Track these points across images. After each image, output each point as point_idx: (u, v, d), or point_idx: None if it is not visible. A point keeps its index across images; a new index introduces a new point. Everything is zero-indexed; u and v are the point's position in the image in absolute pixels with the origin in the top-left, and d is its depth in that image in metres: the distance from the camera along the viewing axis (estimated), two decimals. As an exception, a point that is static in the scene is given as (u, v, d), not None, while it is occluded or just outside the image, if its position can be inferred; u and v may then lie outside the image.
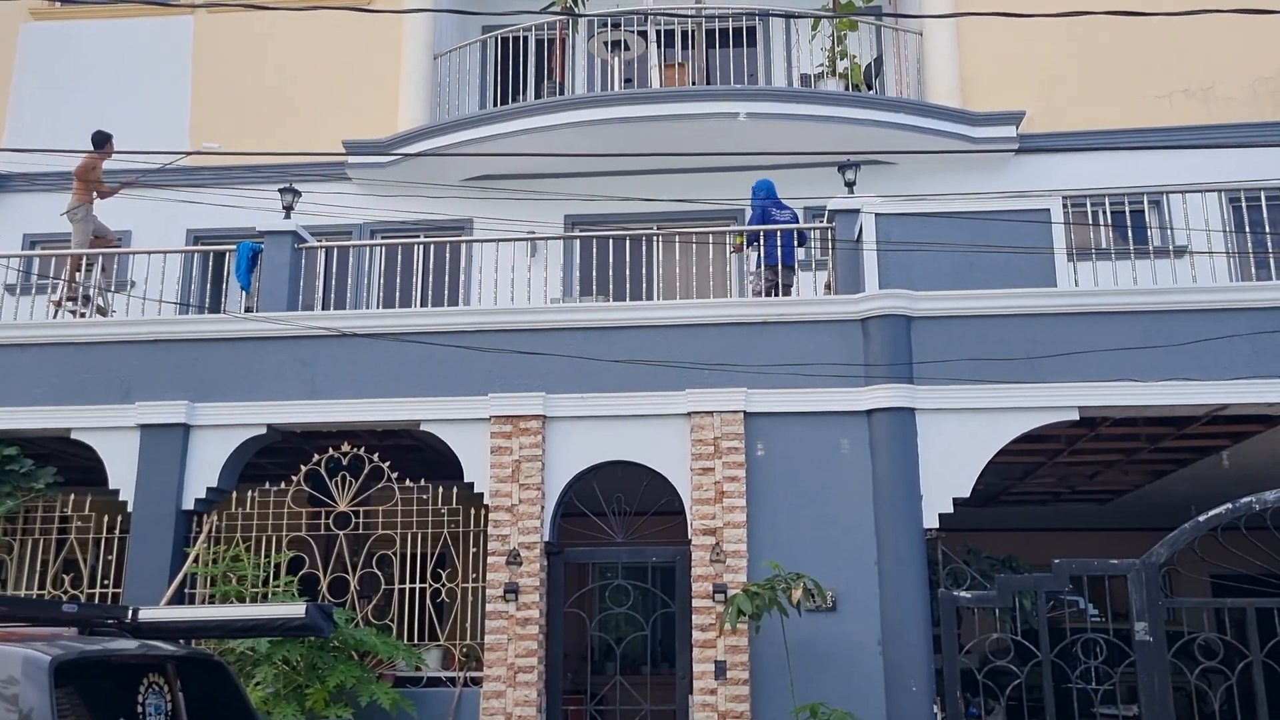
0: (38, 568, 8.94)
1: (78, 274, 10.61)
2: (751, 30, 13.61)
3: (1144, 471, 11.36)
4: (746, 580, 8.01)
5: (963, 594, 7.92)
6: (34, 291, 11.39)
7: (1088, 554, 8.26)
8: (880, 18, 13.27)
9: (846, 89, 12.03)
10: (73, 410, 8.94)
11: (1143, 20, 10.39)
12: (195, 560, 8.60)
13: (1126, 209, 10.07)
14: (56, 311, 10.55)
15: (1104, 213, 10.07)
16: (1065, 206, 8.93)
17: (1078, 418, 8.30)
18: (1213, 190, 9.30)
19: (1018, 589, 8.20)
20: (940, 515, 8.11)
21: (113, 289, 11.04)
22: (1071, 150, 11.89)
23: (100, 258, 10.73)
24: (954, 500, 8.14)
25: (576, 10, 12.44)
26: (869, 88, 12.64)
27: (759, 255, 9.87)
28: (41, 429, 8.99)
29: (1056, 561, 7.76)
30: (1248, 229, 11.11)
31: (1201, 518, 7.59)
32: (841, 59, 12.13)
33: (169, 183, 11.75)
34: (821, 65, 12.29)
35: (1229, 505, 7.57)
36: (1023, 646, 8.00)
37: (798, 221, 10.00)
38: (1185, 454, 10.39)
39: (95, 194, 10.72)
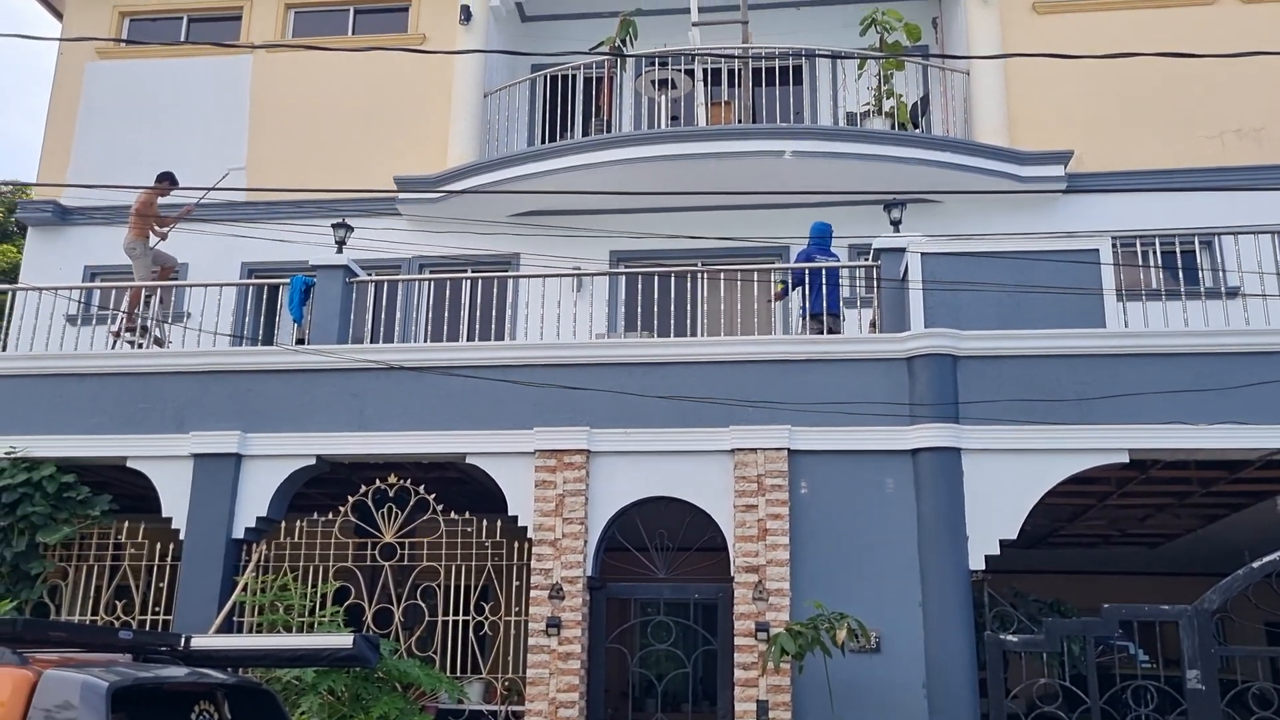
0: (91, 594, 9.11)
1: (136, 306, 10.88)
2: (798, 69, 13.69)
3: (1196, 515, 11.16)
4: (789, 619, 7.97)
5: (1009, 637, 7.82)
6: (94, 322, 11.67)
7: (1138, 599, 8.13)
8: (927, 58, 13.30)
9: (893, 128, 12.05)
10: (129, 439, 9.14)
11: (1192, 60, 10.33)
12: (244, 589, 8.72)
13: (1177, 249, 9.98)
14: (115, 342, 10.81)
15: (1154, 253, 9.99)
16: (1114, 247, 8.87)
17: (1128, 460, 8.20)
18: (1266, 232, 9.19)
19: (1066, 633, 8.08)
20: (986, 557, 8.03)
21: (169, 320, 11.29)
22: (1121, 190, 11.78)
23: (159, 290, 10.98)
24: (1000, 542, 8.06)
25: (624, 50, 12.60)
26: (915, 126, 12.65)
27: (804, 303, 9.88)
28: (98, 457, 9.20)
29: (1106, 606, 7.65)
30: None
31: (1255, 564, 7.46)
32: (888, 98, 12.16)
33: (225, 217, 12.02)
34: (867, 104, 12.32)
35: (1284, 552, 7.44)
36: (1071, 693, 7.86)
37: (837, 270, 9.95)
38: (1239, 498, 10.21)
39: (154, 230, 11.02)
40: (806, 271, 9.91)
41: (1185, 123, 12.14)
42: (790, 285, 10.39)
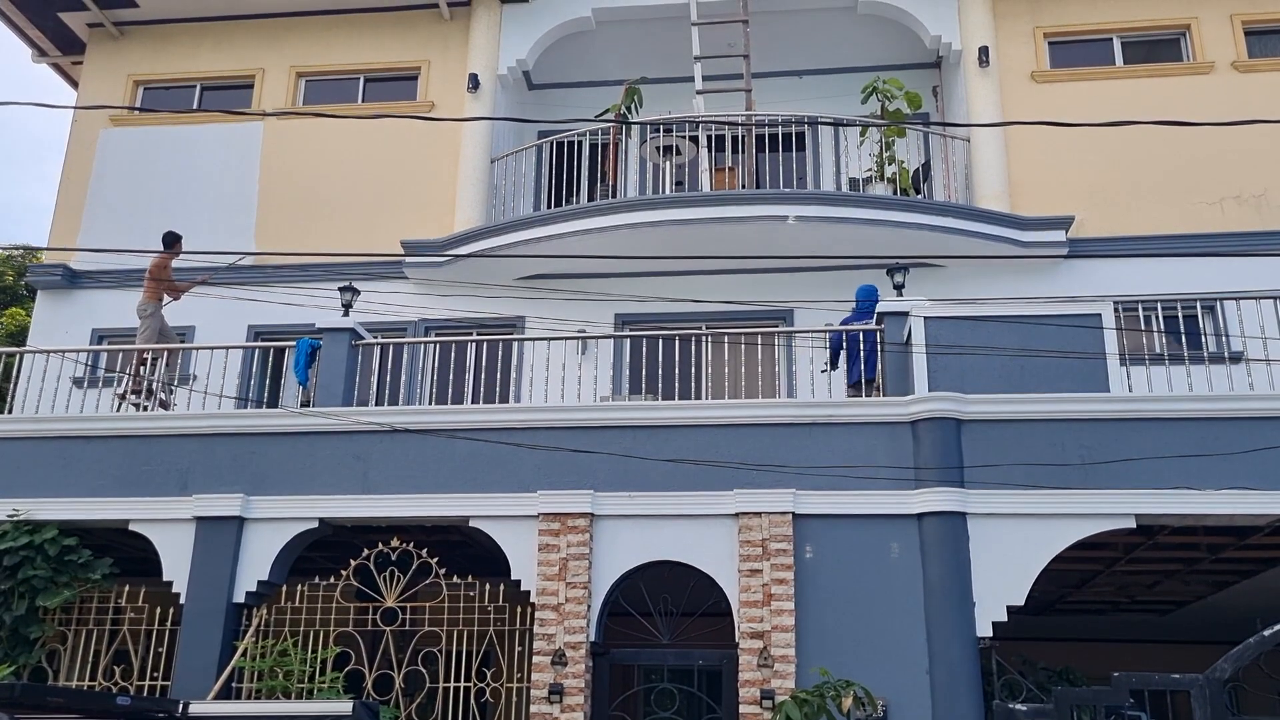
0: (90, 658, 9.02)
1: (142, 368, 10.93)
2: (801, 136, 13.89)
3: (1206, 582, 11.04)
4: (795, 686, 7.86)
5: (1018, 706, 7.69)
6: (100, 385, 11.70)
7: (1149, 667, 8.02)
8: (928, 125, 13.48)
9: (895, 193, 12.18)
10: (132, 502, 9.11)
11: (1191, 128, 10.46)
12: (243, 654, 8.62)
13: (1179, 314, 10.01)
14: (120, 404, 10.84)
15: (1156, 318, 10.02)
16: (1117, 311, 8.90)
17: (1135, 525, 8.14)
18: (1268, 297, 9.22)
19: (1076, 703, 7.94)
20: (994, 623, 7.94)
21: (175, 384, 11.33)
22: (1122, 255, 11.86)
23: (165, 353, 11.04)
24: (1008, 608, 7.97)
25: (630, 117, 12.79)
26: (917, 192, 12.78)
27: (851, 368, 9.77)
28: (101, 520, 9.16)
29: (1116, 675, 7.53)
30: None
31: (1267, 632, 7.36)
32: (890, 164, 12.31)
33: (233, 280, 12.12)
34: (870, 169, 12.47)
35: (1295, 619, 7.35)
36: (1082, 763, 7.72)
37: (874, 334, 9.65)
38: (1248, 565, 10.10)
39: (167, 293, 11.12)
40: (852, 337, 9.70)
41: (1185, 189, 12.26)
42: (834, 354, 10.24)
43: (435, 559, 8.79)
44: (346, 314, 10.15)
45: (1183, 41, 13.10)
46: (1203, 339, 10.43)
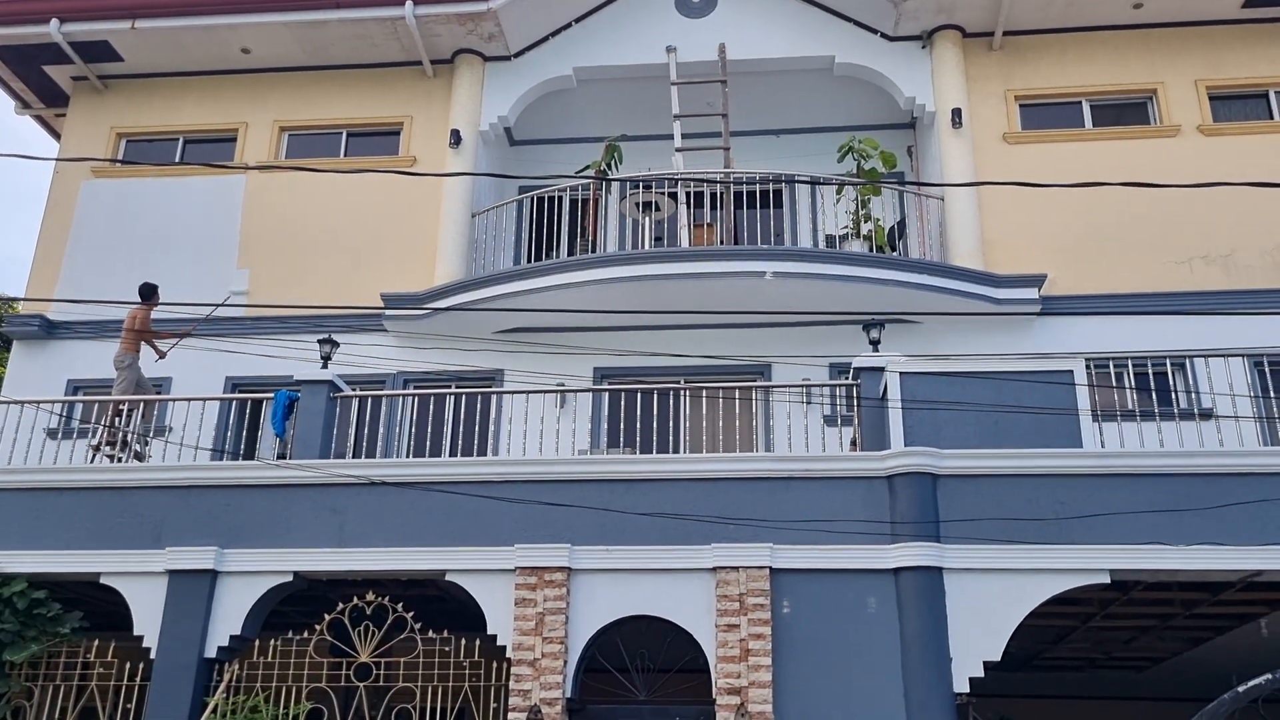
0: (56, 715, 8.84)
1: (117, 419, 10.85)
2: (778, 193, 14.10)
3: (1181, 638, 11.07)
4: (772, 744, 7.80)
5: (996, 764, 7.67)
6: (75, 436, 11.60)
7: (1125, 724, 8.02)
8: (903, 184, 13.71)
9: (870, 250, 12.34)
10: (104, 555, 8.99)
11: (1159, 189, 10.70)
12: (214, 710, 8.49)
13: (1150, 371, 10.16)
14: (94, 456, 10.75)
15: (1128, 375, 10.15)
16: (1089, 368, 9.01)
17: (1109, 581, 8.18)
18: (1236, 355, 9.38)
19: (1053, 760, 7.94)
20: (971, 679, 7.92)
21: (150, 435, 11.25)
22: (1094, 313, 12.04)
23: (140, 404, 10.98)
24: (985, 664, 7.97)
25: (610, 173, 12.95)
26: (893, 249, 12.96)
27: None
28: (72, 573, 9.04)
29: (1092, 731, 7.54)
30: (1273, 394, 11.11)
31: (1241, 688, 7.39)
32: (865, 221, 12.49)
33: (211, 332, 12.11)
34: (846, 227, 12.64)
35: (1269, 676, 7.38)
36: (1060, 822, 7.68)
37: None
38: (1222, 621, 10.15)
39: (150, 347, 11.08)
40: None
41: (1154, 248, 12.48)
42: None
43: (411, 613, 8.71)
44: (325, 366, 10.15)
45: (1150, 105, 13.43)
46: (1173, 396, 10.57)
